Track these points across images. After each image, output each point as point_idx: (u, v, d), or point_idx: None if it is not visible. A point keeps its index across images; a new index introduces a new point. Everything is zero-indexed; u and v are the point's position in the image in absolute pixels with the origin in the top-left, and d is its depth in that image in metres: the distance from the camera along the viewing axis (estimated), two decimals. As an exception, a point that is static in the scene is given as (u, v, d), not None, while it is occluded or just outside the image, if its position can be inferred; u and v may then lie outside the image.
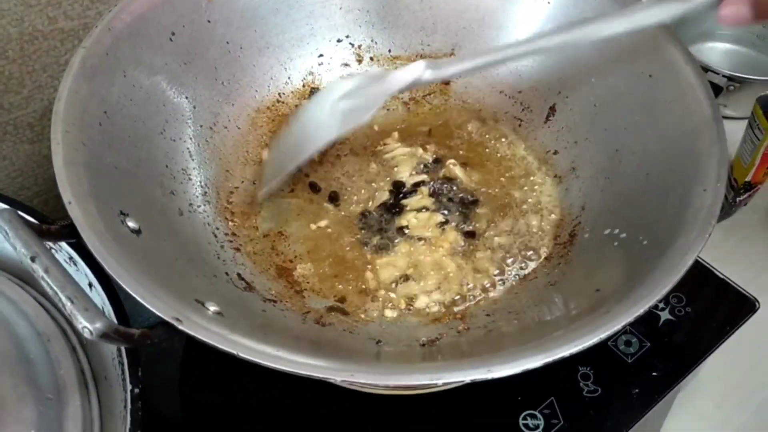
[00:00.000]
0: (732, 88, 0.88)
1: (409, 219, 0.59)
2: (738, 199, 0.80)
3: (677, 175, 0.50)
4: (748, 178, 0.78)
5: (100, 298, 0.45)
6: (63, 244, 0.48)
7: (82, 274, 0.46)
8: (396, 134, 0.65)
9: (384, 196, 0.60)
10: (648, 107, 0.56)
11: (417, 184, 0.61)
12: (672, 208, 0.48)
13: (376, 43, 0.69)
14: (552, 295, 0.51)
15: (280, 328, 0.48)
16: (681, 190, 0.48)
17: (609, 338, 0.40)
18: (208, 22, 0.61)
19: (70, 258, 0.47)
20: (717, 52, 0.98)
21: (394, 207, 0.60)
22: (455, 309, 0.54)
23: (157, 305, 0.39)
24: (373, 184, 0.62)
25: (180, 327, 0.39)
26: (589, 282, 0.50)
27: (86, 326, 0.35)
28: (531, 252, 0.57)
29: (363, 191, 0.61)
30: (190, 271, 0.49)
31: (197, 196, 0.57)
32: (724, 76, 0.87)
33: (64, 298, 0.36)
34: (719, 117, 0.51)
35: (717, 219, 0.45)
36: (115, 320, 0.44)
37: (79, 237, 0.42)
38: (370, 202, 0.60)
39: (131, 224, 0.46)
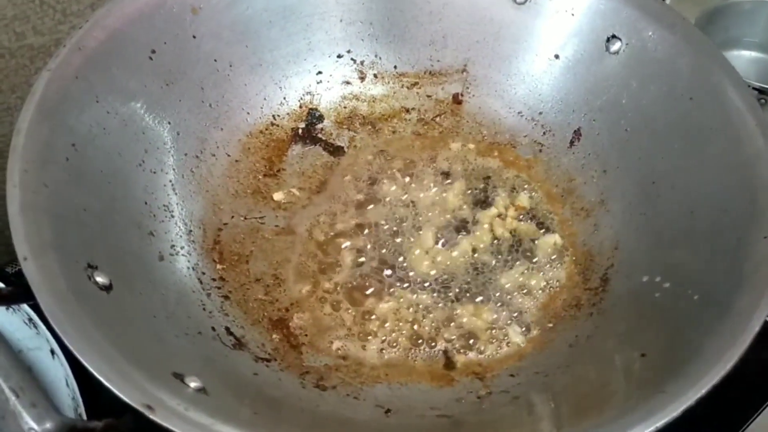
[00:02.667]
0: (763, 101, 0.81)
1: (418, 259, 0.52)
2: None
3: (729, 216, 0.44)
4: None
5: (63, 369, 0.38)
6: (22, 301, 0.41)
7: (43, 338, 0.40)
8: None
9: (386, 233, 0.54)
10: (689, 134, 0.50)
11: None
12: (726, 256, 0.42)
13: (380, 58, 0.62)
14: (585, 354, 0.45)
15: (273, 400, 0.41)
16: (736, 235, 0.42)
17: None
18: (194, 37, 0.54)
19: (30, 320, 0.40)
20: (744, 61, 0.91)
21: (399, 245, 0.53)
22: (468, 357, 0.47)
23: (126, 389, 0.33)
24: (372, 219, 0.55)
25: (152, 417, 0.32)
26: (631, 341, 0.43)
27: (33, 428, 0.29)
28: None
29: (364, 226, 0.55)
30: (169, 330, 0.43)
31: (180, 236, 0.51)
32: (754, 89, 0.80)
33: (7, 390, 0.30)
34: (776, 148, 0.45)
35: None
36: (78, 395, 0.37)
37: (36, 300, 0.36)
38: (373, 239, 0.54)
39: (100, 279, 0.40)
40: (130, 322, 0.40)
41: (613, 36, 0.55)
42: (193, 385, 0.37)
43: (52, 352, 0.39)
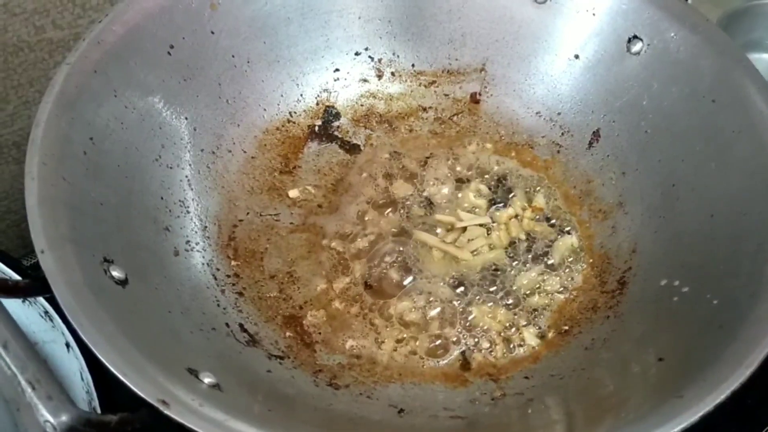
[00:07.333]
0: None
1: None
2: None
3: (750, 219, 0.43)
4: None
5: (78, 363, 0.38)
6: (38, 294, 0.41)
7: (59, 332, 0.40)
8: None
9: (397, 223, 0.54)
10: (710, 137, 0.49)
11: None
12: (747, 260, 0.41)
13: (398, 56, 0.62)
14: (601, 357, 0.44)
15: (287, 397, 0.41)
16: (757, 240, 0.41)
17: (684, 431, 0.33)
18: (212, 33, 0.54)
19: (46, 312, 0.40)
20: (766, 64, 0.90)
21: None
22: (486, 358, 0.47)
23: (141, 384, 0.33)
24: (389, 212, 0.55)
25: (167, 412, 0.32)
26: (647, 345, 0.43)
27: (48, 420, 0.29)
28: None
29: (380, 225, 0.55)
30: (184, 325, 0.43)
31: (196, 232, 0.51)
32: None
33: (24, 382, 0.30)
34: (799, 152, 0.44)
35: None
36: (93, 389, 0.37)
37: (53, 293, 0.36)
38: (389, 238, 0.54)
39: (116, 273, 0.40)
40: (146, 317, 0.40)
41: (635, 36, 0.55)
42: (207, 381, 0.37)
43: (67, 345, 0.39)
